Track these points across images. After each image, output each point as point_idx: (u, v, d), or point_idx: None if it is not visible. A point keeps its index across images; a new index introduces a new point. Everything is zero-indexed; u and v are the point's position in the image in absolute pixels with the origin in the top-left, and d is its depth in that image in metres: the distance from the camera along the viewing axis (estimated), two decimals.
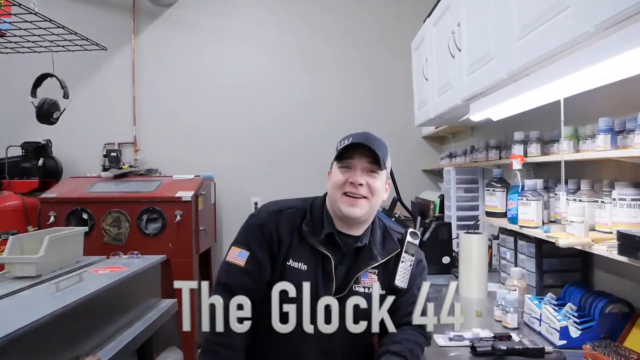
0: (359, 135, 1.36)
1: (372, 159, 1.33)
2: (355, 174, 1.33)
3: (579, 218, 1.46)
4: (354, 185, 1.32)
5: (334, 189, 1.36)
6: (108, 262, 1.95)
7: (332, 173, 1.41)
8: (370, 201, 1.35)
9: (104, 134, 3.90)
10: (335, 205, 1.36)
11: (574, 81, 1.22)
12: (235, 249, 1.37)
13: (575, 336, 1.47)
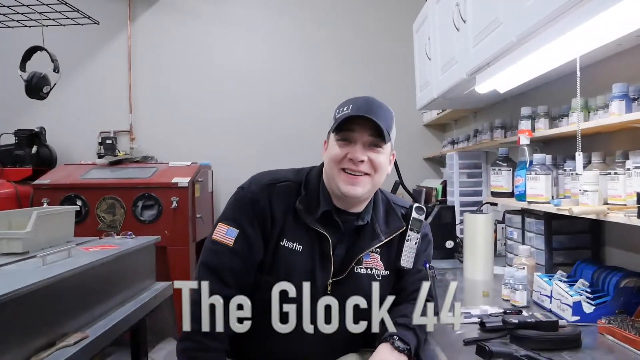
0: (360, 103, 1.20)
1: (376, 131, 1.19)
2: (355, 149, 1.19)
3: (593, 187, 1.39)
4: (354, 162, 1.19)
5: (331, 164, 1.21)
6: (100, 242, 1.88)
7: (328, 144, 1.26)
8: (373, 178, 1.22)
9: (99, 122, 3.83)
10: (332, 182, 1.22)
11: (586, 33, 1.15)
12: (222, 225, 1.22)
13: (588, 312, 1.40)
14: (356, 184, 1.20)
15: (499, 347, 1.14)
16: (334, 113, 1.25)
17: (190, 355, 1.12)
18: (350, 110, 1.19)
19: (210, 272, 1.18)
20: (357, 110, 1.18)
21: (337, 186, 1.21)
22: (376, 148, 1.21)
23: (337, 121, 1.19)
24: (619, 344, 1.23)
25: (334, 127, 1.21)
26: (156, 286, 1.94)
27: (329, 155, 1.23)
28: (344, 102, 1.24)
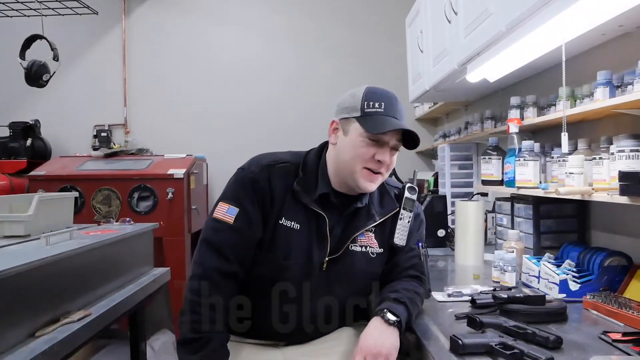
0: (389, 102, 1.24)
1: (401, 136, 1.25)
2: (385, 152, 1.24)
3: (579, 170, 1.45)
4: (381, 163, 1.24)
5: (355, 159, 1.24)
6: (99, 228, 1.91)
7: (351, 136, 1.24)
8: (384, 176, 1.29)
9: (94, 115, 3.84)
10: (350, 176, 1.25)
11: (571, 19, 1.20)
12: (223, 204, 1.26)
13: (574, 290, 1.46)
14: (374, 182, 1.27)
15: (490, 319, 1.20)
16: (362, 104, 1.24)
17: (193, 327, 1.16)
18: (383, 109, 1.22)
19: (212, 249, 1.23)
20: (389, 113, 1.22)
21: (356, 182, 1.25)
22: (396, 151, 1.28)
23: (373, 122, 1.21)
24: (603, 317, 1.29)
25: (369, 126, 1.21)
26: (154, 271, 1.97)
27: (355, 151, 1.24)
28: (371, 94, 1.25)
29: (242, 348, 1.30)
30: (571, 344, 1.09)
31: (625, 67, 1.46)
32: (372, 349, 1.14)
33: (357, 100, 1.25)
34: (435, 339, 1.17)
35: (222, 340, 1.18)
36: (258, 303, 1.29)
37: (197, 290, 1.19)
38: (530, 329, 1.11)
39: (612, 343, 1.09)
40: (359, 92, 1.27)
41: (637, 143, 1.35)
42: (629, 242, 1.56)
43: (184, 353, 1.16)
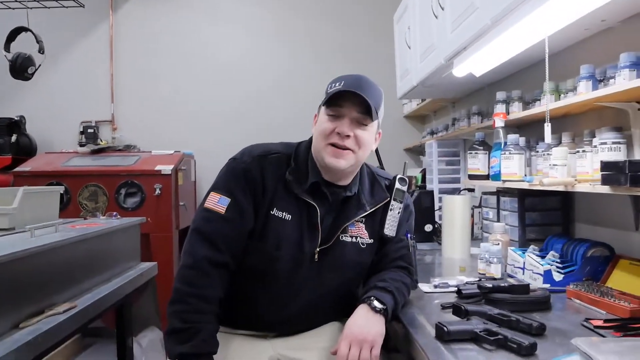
0: (351, 80, 1.24)
1: (364, 108, 1.22)
2: (343, 124, 1.23)
3: (562, 161, 1.47)
4: (341, 136, 1.23)
5: (319, 138, 1.26)
6: (85, 222, 1.89)
7: (318, 119, 1.30)
8: (357, 154, 1.26)
9: (81, 112, 3.81)
10: (319, 155, 1.27)
11: (552, 12, 1.22)
12: (215, 194, 1.26)
13: (558, 280, 1.48)
14: (340, 157, 1.24)
15: (475, 307, 1.21)
16: (326, 88, 1.28)
17: (182, 317, 1.15)
18: (342, 86, 1.23)
19: (202, 238, 1.22)
20: (347, 86, 1.22)
21: (323, 159, 1.25)
22: (363, 125, 1.25)
23: (328, 95, 1.23)
24: (585, 305, 1.31)
25: (324, 100, 1.25)
26: (141, 266, 1.96)
27: (318, 129, 1.28)
28: (337, 78, 1.28)
29: (232, 339, 1.30)
30: (554, 331, 1.11)
31: (608, 62, 1.49)
32: (357, 335, 1.15)
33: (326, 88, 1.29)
34: (422, 328, 1.18)
35: (212, 330, 1.17)
36: (249, 293, 1.29)
37: (187, 279, 1.19)
38: (514, 317, 1.12)
39: (594, 329, 1.11)
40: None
41: (618, 135, 1.38)
42: (611, 233, 1.59)
43: (172, 343, 1.15)
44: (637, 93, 1.32)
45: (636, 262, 1.37)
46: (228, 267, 1.24)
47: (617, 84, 1.35)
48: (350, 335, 1.15)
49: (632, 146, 1.44)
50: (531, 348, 0.98)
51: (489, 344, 1.03)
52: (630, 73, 1.34)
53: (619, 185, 1.14)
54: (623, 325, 1.11)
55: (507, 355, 0.99)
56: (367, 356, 1.14)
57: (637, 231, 1.43)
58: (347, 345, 1.14)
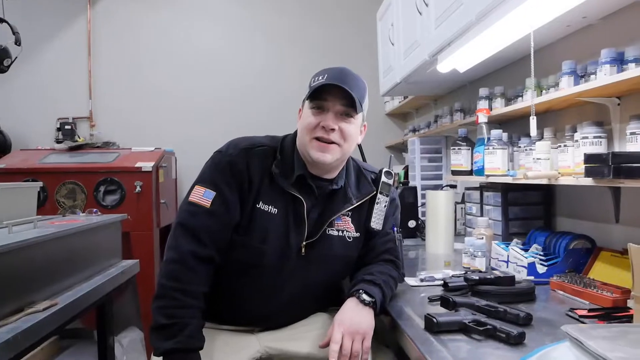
0: (335, 73, 1.24)
1: (348, 101, 1.22)
2: (327, 117, 1.22)
3: (545, 155, 1.50)
4: (326, 130, 1.22)
5: (304, 132, 1.25)
6: (64, 218, 1.85)
7: (302, 113, 1.29)
8: (342, 147, 1.25)
9: (57, 108, 3.71)
10: (304, 149, 1.26)
11: (537, 6, 1.24)
12: (200, 188, 1.24)
13: (542, 272, 1.50)
14: (326, 152, 1.23)
15: (462, 299, 1.22)
16: (310, 81, 1.27)
17: (167, 313, 1.13)
18: (325, 79, 1.22)
19: (187, 232, 1.20)
20: (331, 80, 1.21)
21: (309, 153, 1.24)
22: (347, 118, 1.25)
23: (312, 89, 1.22)
24: (569, 296, 1.33)
25: (308, 95, 1.23)
26: (122, 263, 1.92)
27: (303, 123, 1.27)
28: (320, 71, 1.27)
29: (218, 334, 1.28)
30: (540, 321, 1.13)
31: (589, 58, 1.52)
32: (349, 327, 1.15)
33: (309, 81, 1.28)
34: (410, 320, 1.18)
35: (198, 326, 1.15)
36: (234, 288, 1.28)
37: (172, 274, 1.16)
38: (502, 308, 1.13)
39: (579, 318, 1.13)
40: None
41: (599, 130, 1.41)
42: (592, 226, 1.62)
43: (157, 340, 1.12)
44: (617, 88, 1.35)
45: (617, 253, 1.39)
46: (213, 261, 1.22)
47: (598, 79, 1.38)
48: (342, 325, 1.15)
49: (612, 140, 1.47)
50: (520, 337, 0.99)
51: (478, 334, 1.04)
52: (611, 68, 1.37)
53: (602, 177, 1.16)
54: (607, 314, 1.13)
55: (496, 345, 1.00)
56: (359, 348, 1.14)
57: (617, 223, 1.47)
58: (340, 334, 1.14)
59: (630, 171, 1.10)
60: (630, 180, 1.10)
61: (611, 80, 1.28)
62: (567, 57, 1.56)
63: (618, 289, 1.22)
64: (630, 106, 1.41)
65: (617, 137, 1.46)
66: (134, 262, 1.97)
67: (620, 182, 1.14)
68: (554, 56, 1.76)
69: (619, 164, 1.12)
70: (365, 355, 1.15)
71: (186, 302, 1.14)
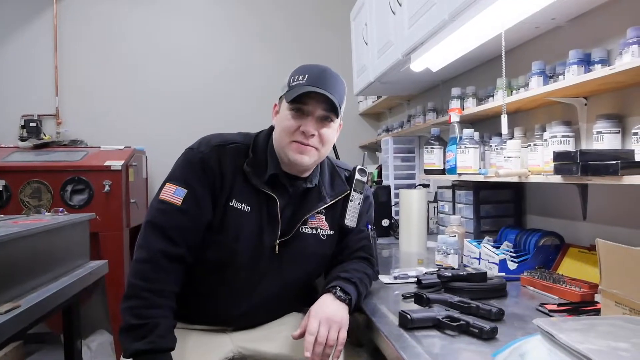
0: (316, 74, 1.21)
1: (329, 106, 1.21)
2: (307, 123, 1.21)
3: (516, 154, 1.52)
4: (305, 135, 1.21)
5: (283, 134, 1.23)
6: (28, 218, 1.78)
7: (280, 114, 1.25)
8: (320, 151, 1.26)
9: (22, 104, 3.58)
10: (282, 151, 1.24)
11: (508, 6, 1.26)
12: (170, 185, 1.20)
13: (512, 268, 1.53)
14: (304, 154, 1.22)
15: (435, 295, 1.23)
16: (289, 79, 1.24)
17: (137, 313, 1.09)
18: (306, 80, 1.20)
19: (157, 231, 1.17)
20: (312, 83, 1.20)
21: (287, 155, 1.23)
22: (327, 122, 1.24)
23: (293, 92, 1.19)
24: (539, 292, 1.36)
25: (288, 97, 1.20)
26: (90, 264, 1.86)
27: (281, 125, 1.24)
28: (299, 68, 1.25)
29: (190, 334, 1.25)
30: (512, 316, 1.14)
31: (558, 59, 1.55)
32: (325, 316, 1.14)
33: (287, 78, 1.25)
34: (385, 317, 1.18)
35: (169, 325, 1.12)
36: (207, 287, 1.25)
37: (141, 274, 1.13)
38: (474, 303, 1.15)
39: (549, 313, 1.15)
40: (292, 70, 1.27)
41: (568, 129, 1.44)
42: (561, 223, 1.66)
43: (127, 340, 1.09)
44: (584, 88, 1.39)
45: (584, 249, 1.43)
46: (184, 260, 1.19)
47: (566, 80, 1.41)
48: (318, 314, 1.14)
49: (579, 139, 1.51)
50: (492, 332, 1.00)
51: (451, 329, 1.04)
52: (579, 69, 1.40)
53: (571, 174, 1.18)
54: (575, 308, 1.16)
55: (469, 340, 1.01)
56: (335, 337, 1.13)
57: (584, 221, 1.50)
58: (316, 323, 1.13)
59: (597, 168, 1.13)
60: (597, 177, 1.13)
61: (578, 80, 1.31)
62: (537, 58, 1.60)
63: (586, 284, 1.25)
64: (596, 106, 1.45)
65: (585, 136, 1.50)
66: (103, 262, 1.92)
67: (587, 179, 1.17)
68: (524, 57, 1.79)
69: (587, 162, 1.15)
70: (340, 346, 1.14)
71: (156, 302, 1.11)
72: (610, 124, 1.30)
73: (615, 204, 1.44)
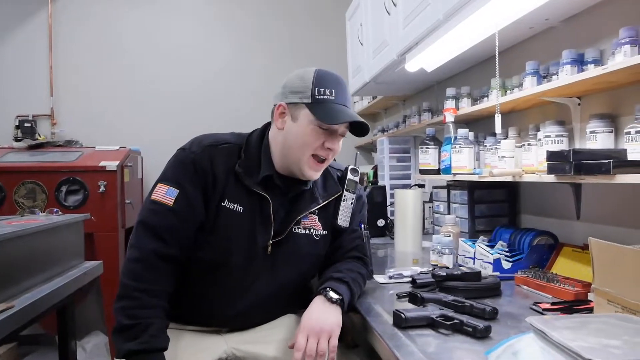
0: (340, 89, 1.22)
1: (351, 124, 1.25)
2: (334, 141, 1.23)
3: (510, 153, 1.53)
4: (329, 151, 1.23)
5: (303, 147, 1.21)
6: (22, 218, 1.77)
7: (299, 124, 1.21)
8: (329, 162, 1.30)
9: (16, 105, 3.57)
10: (296, 163, 1.23)
11: (502, 6, 1.26)
12: (162, 186, 1.20)
13: (507, 268, 1.53)
14: (319, 170, 1.26)
15: (430, 295, 1.23)
16: (312, 89, 1.20)
17: (129, 313, 1.09)
18: (335, 98, 1.20)
19: (149, 231, 1.17)
20: (341, 102, 1.21)
21: (302, 170, 1.24)
22: (343, 137, 1.28)
23: (325, 110, 1.18)
24: (533, 291, 1.36)
25: (320, 114, 1.18)
26: (85, 265, 1.86)
27: (303, 139, 1.21)
28: (322, 79, 1.21)
29: (183, 335, 1.25)
30: (506, 315, 1.15)
31: (551, 59, 1.56)
32: (314, 327, 1.13)
33: (307, 85, 1.21)
34: (379, 316, 1.18)
35: (161, 325, 1.12)
36: (200, 288, 1.25)
37: (133, 274, 1.13)
38: (468, 302, 1.15)
39: (542, 312, 1.16)
40: (308, 75, 1.23)
41: (561, 129, 1.45)
42: (554, 222, 1.67)
43: (120, 341, 1.09)
44: (577, 88, 1.39)
45: (578, 249, 1.43)
46: (177, 260, 1.19)
47: (559, 79, 1.42)
48: (307, 327, 1.14)
49: (573, 139, 1.51)
50: (486, 331, 1.00)
51: (445, 328, 1.05)
52: (572, 69, 1.41)
53: (564, 173, 1.19)
54: (569, 307, 1.17)
55: (463, 339, 1.01)
56: (325, 347, 1.13)
57: (578, 220, 1.51)
58: (304, 338, 1.13)
59: (590, 167, 1.13)
60: (590, 176, 1.14)
61: (572, 80, 1.31)
62: (531, 59, 1.61)
63: (579, 283, 1.26)
64: (590, 106, 1.46)
65: (578, 136, 1.51)
66: (97, 263, 1.91)
67: (580, 179, 1.17)
68: (517, 58, 1.80)
69: (580, 161, 1.15)
70: (332, 353, 1.14)
71: (149, 302, 1.11)
72: (603, 123, 1.31)
73: (609, 203, 1.45)
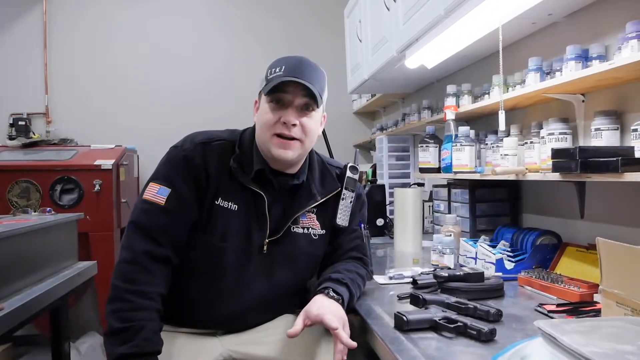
0: (292, 64, 1.18)
1: (308, 94, 1.18)
2: (288, 113, 1.17)
3: (513, 151, 1.50)
4: (287, 125, 1.17)
5: (264, 128, 1.19)
6: (14, 218, 1.74)
7: (260, 108, 1.23)
8: (304, 143, 1.21)
9: (10, 102, 3.52)
10: (264, 146, 1.20)
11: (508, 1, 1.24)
12: (154, 185, 1.17)
13: (509, 268, 1.50)
14: (288, 148, 1.19)
15: (432, 296, 1.20)
16: (266, 73, 1.21)
17: (121, 316, 1.06)
18: (283, 72, 1.17)
19: (141, 232, 1.13)
20: (290, 73, 1.16)
21: (269, 150, 1.20)
22: (308, 112, 1.21)
23: (270, 84, 1.16)
24: (537, 292, 1.33)
25: (266, 90, 1.18)
26: (79, 265, 1.82)
27: (262, 119, 1.21)
28: (276, 61, 1.21)
29: (177, 337, 1.21)
30: (510, 317, 1.12)
31: (555, 55, 1.53)
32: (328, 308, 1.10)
33: (265, 72, 1.22)
34: (380, 319, 1.15)
35: (155, 328, 1.08)
36: (195, 289, 1.21)
37: (125, 275, 1.09)
38: (472, 304, 1.12)
39: (548, 314, 1.12)
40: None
41: (565, 126, 1.42)
42: (558, 222, 1.64)
43: (112, 345, 1.05)
44: (582, 84, 1.36)
45: (582, 249, 1.40)
46: (170, 261, 1.16)
47: (563, 76, 1.38)
48: (309, 312, 1.10)
49: (577, 137, 1.48)
50: (491, 334, 0.97)
51: (448, 331, 1.01)
52: (576, 65, 1.38)
53: (570, 172, 1.16)
54: (574, 308, 1.13)
55: (467, 342, 0.98)
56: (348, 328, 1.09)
57: (582, 219, 1.48)
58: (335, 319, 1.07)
59: (597, 166, 1.10)
60: (597, 174, 1.11)
61: (576, 76, 1.28)
62: (534, 55, 1.57)
63: (584, 284, 1.23)
64: (594, 103, 1.43)
65: (582, 133, 1.48)
66: (91, 263, 1.88)
67: (587, 177, 1.14)
68: (520, 54, 1.77)
69: (586, 159, 1.12)
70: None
71: (141, 304, 1.07)
72: (608, 120, 1.28)
73: (614, 202, 1.42)
